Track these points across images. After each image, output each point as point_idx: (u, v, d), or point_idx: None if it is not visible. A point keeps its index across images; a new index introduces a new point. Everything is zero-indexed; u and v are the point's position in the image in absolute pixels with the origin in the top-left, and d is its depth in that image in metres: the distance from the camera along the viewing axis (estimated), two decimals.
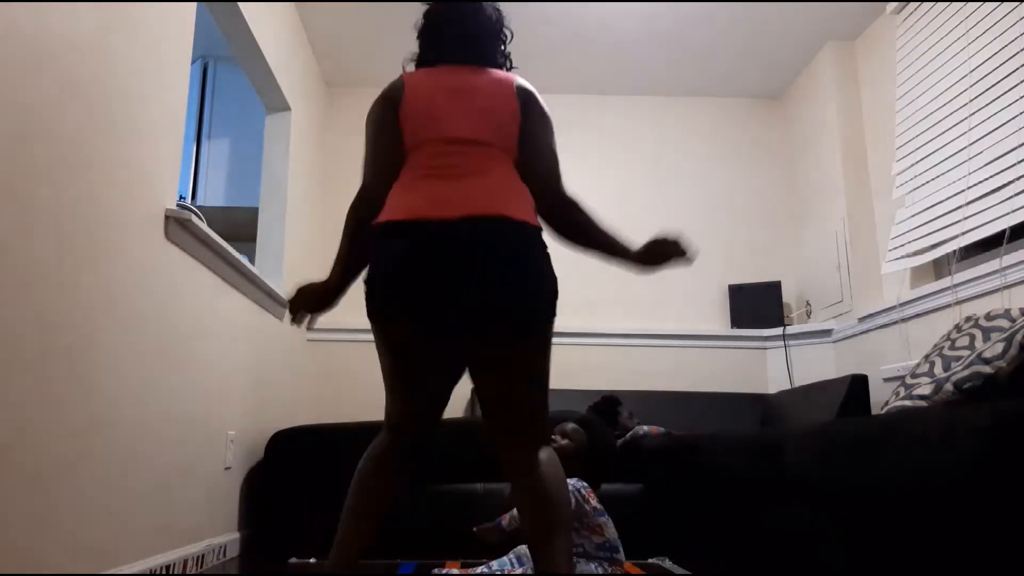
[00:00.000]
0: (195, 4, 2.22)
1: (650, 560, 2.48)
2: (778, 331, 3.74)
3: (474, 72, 1.53)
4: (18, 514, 1.37)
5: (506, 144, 1.48)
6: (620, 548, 2.03)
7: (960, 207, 2.64)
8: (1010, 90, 2.47)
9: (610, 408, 3.04)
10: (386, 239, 1.38)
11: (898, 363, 2.95)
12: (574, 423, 2.25)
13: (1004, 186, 2.44)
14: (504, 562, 2.05)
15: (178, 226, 2.03)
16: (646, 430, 3.00)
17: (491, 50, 1.59)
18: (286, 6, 3.19)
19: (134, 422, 1.83)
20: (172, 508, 2.07)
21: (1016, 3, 2.46)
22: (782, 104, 4.15)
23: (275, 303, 3.07)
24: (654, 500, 2.68)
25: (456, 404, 3.65)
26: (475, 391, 1.48)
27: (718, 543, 2.31)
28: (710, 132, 4.14)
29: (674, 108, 4.16)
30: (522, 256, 1.36)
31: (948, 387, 1.81)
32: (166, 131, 2.02)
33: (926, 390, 1.87)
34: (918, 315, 2.85)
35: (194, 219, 2.03)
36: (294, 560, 2.51)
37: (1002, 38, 2.52)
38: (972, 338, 1.88)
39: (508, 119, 1.49)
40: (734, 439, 2.17)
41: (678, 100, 4.17)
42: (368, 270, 1.41)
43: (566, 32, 3.55)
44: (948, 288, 2.64)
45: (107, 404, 1.70)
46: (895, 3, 3.16)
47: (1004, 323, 1.83)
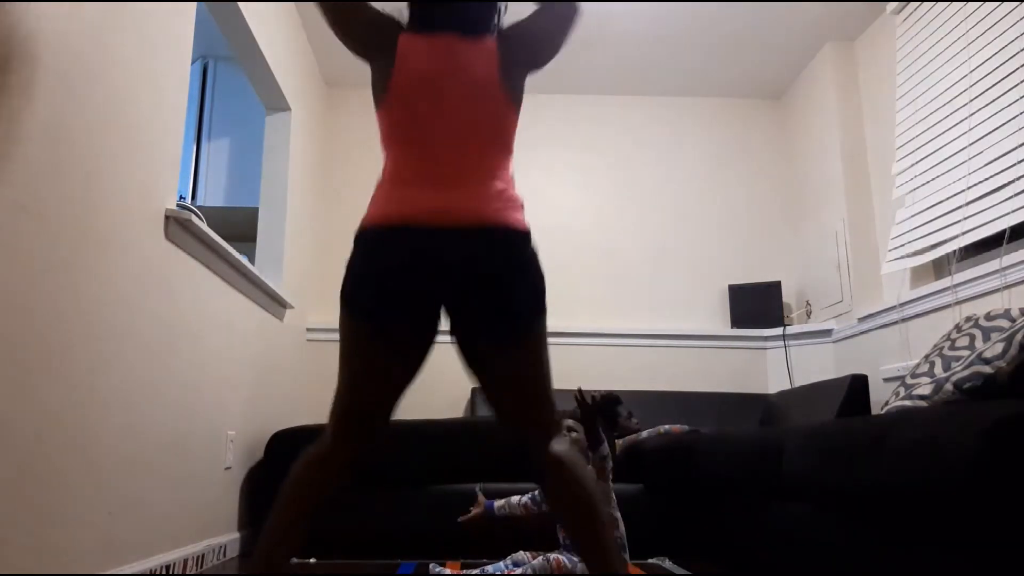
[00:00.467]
0: (195, 4, 2.22)
1: (650, 560, 2.48)
2: (778, 331, 3.74)
3: (466, 51, 1.46)
4: (18, 514, 1.37)
5: (496, 134, 1.45)
6: (627, 547, 2.04)
7: (960, 207, 2.64)
8: (1010, 90, 2.46)
9: (609, 407, 3.03)
10: (372, 244, 1.36)
11: (898, 363, 2.94)
12: (569, 419, 2.27)
13: (1004, 186, 2.44)
14: (500, 566, 2.05)
15: (178, 226, 2.03)
16: (667, 428, 2.99)
17: (485, 16, 1.52)
18: (286, 6, 3.19)
19: (134, 422, 1.83)
20: (172, 508, 2.07)
21: (1016, 3, 2.46)
22: (782, 104, 4.15)
23: (275, 303, 3.07)
24: (654, 500, 2.68)
25: (456, 404, 3.65)
26: (486, 393, 1.46)
27: (718, 543, 2.31)
28: (710, 132, 4.13)
29: (674, 108, 4.16)
30: (515, 266, 1.37)
31: (948, 387, 1.81)
32: (166, 131, 2.02)
33: (926, 390, 1.87)
34: (918, 315, 2.85)
35: (194, 219, 2.03)
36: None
37: (1002, 38, 2.52)
38: (972, 338, 1.88)
39: (496, 105, 1.44)
40: (734, 439, 2.17)
41: (678, 100, 4.17)
42: (351, 268, 1.38)
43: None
44: (948, 288, 2.64)
45: (107, 404, 1.70)
46: (895, 3, 3.16)
47: (1004, 323, 1.83)
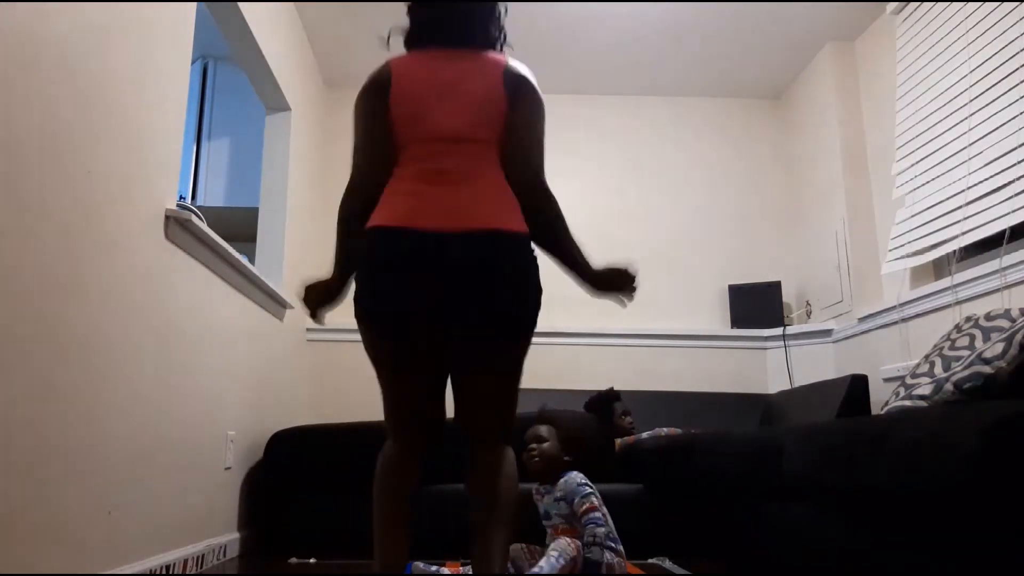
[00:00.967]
0: (195, 4, 2.22)
1: (650, 560, 2.48)
2: (778, 331, 3.74)
3: (464, 59, 1.47)
4: (18, 514, 1.37)
5: (495, 139, 1.45)
6: (619, 540, 2.09)
7: (960, 207, 2.64)
8: (1010, 90, 2.46)
9: (605, 403, 3.03)
10: (376, 246, 1.37)
11: (898, 363, 2.94)
12: (543, 423, 2.26)
13: (1004, 186, 2.44)
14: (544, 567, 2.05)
15: (178, 226, 2.03)
16: (665, 432, 2.99)
17: (484, 31, 1.53)
18: (286, 6, 3.19)
19: (134, 422, 1.83)
20: (172, 508, 2.07)
21: (1016, 3, 2.46)
22: (782, 104, 4.15)
23: (275, 303, 3.07)
24: (654, 500, 2.68)
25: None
26: (455, 390, 1.50)
27: (718, 543, 2.31)
28: (710, 132, 4.13)
29: (674, 108, 4.16)
30: (514, 272, 1.37)
31: (948, 387, 1.81)
32: (166, 131, 2.02)
33: (926, 390, 1.87)
34: (918, 315, 2.85)
35: (194, 219, 2.04)
36: (294, 560, 2.51)
37: (1002, 38, 2.51)
38: (972, 338, 1.88)
39: (496, 111, 1.45)
40: (734, 439, 2.17)
41: (678, 100, 4.17)
42: (358, 273, 1.39)
43: (565, 32, 3.55)
44: (948, 288, 2.64)
45: (107, 404, 1.70)
46: (895, 3, 3.16)
47: (1004, 323, 1.83)
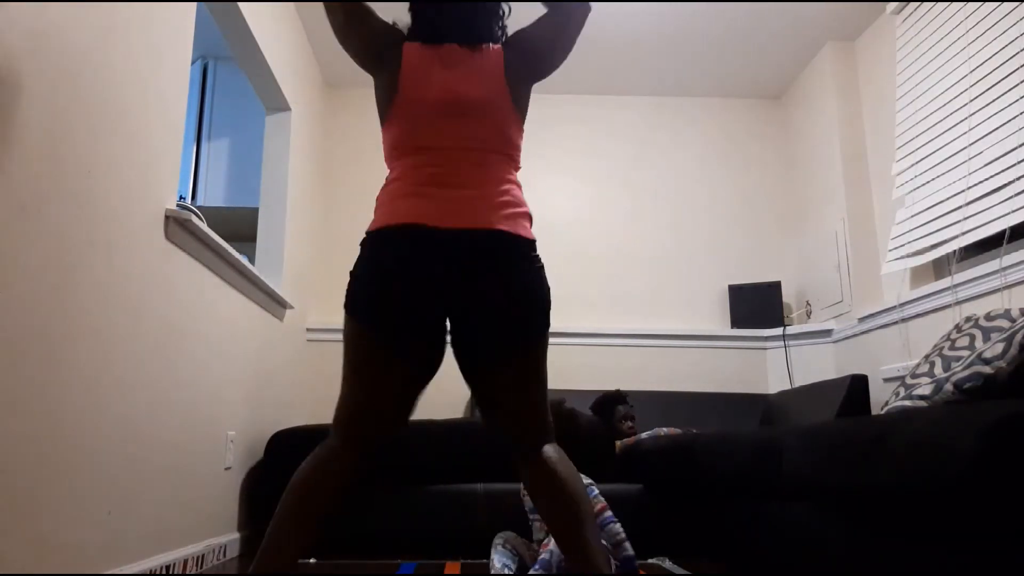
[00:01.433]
0: (195, 4, 2.22)
1: (650, 560, 2.48)
2: (778, 331, 3.74)
3: (471, 60, 1.48)
4: (18, 514, 1.37)
5: (504, 143, 1.46)
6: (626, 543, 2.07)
7: (960, 207, 2.64)
8: (1010, 90, 2.46)
9: (609, 404, 3.03)
10: (380, 246, 1.37)
11: (898, 363, 2.94)
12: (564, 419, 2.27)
13: (1004, 186, 2.44)
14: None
15: (178, 226, 2.03)
16: (665, 432, 2.99)
17: (489, 29, 1.54)
18: (286, 6, 3.19)
19: (133, 422, 1.83)
20: (172, 508, 2.07)
21: (1016, 3, 2.46)
22: (782, 104, 4.15)
23: (275, 303, 3.07)
24: (654, 500, 2.68)
25: (456, 404, 3.65)
26: (480, 398, 1.46)
27: (718, 543, 2.31)
28: (710, 132, 4.13)
29: (674, 108, 4.16)
30: (520, 274, 1.37)
31: (948, 387, 1.81)
32: (166, 131, 2.02)
33: (926, 390, 1.87)
34: (918, 315, 2.85)
35: (194, 219, 2.03)
36: None
37: (1002, 38, 2.51)
38: (972, 338, 1.88)
39: (503, 115, 1.45)
40: (734, 439, 2.17)
41: (678, 100, 4.17)
42: (357, 271, 1.39)
43: None
44: (948, 288, 2.64)
45: (107, 404, 1.70)
46: (895, 3, 3.16)
47: (1004, 323, 1.83)
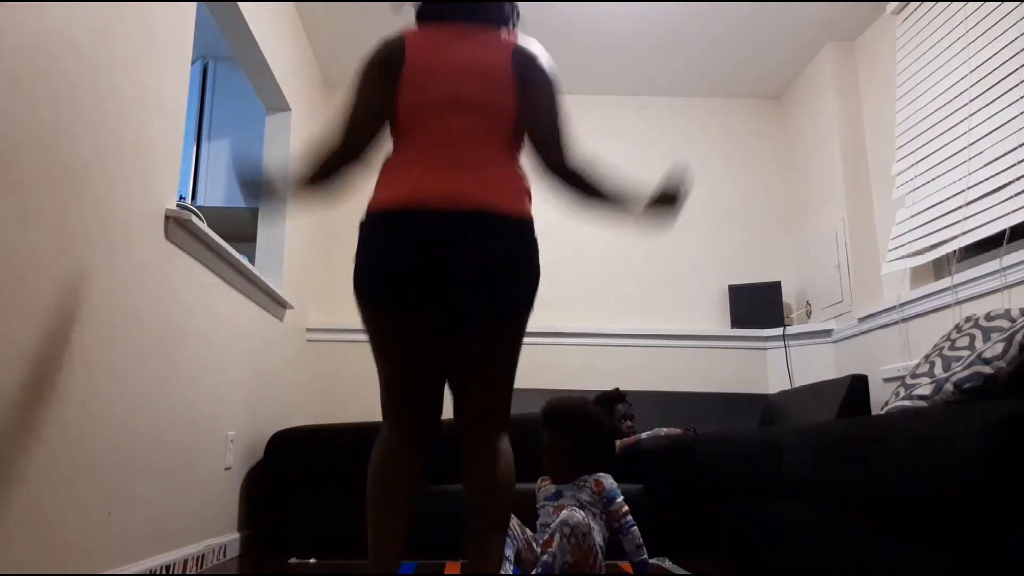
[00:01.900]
0: (195, 4, 2.22)
1: (650, 560, 2.48)
2: (778, 331, 3.74)
3: (476, 39, 1.48)
4: (18, 514, 1.37)
5: (506, 123, 1.46)
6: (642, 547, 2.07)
7: (960, 207, 2.64)
8: (1010, 90, 2.46)
9: (608, 404, 3.02)
10: (379, 228, 1.38)
11: (898, 363, 2.94)
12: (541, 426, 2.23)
13: (1004, 186, 2.44)
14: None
15: (178, 226, 2.03)
16: (665, 432, 2.99)
17: (499, 9, 1.55)
18: (286, 6, 3.19)
19: (134, 422, 1.83)
20: (172, 508, 2.07)
21: (1016, 3, 2.46)
22: (782, 104, 4.15)
23: (275, 303, 3.07)
24: (654, 500, 2.68)
25: None
26: (451, 384, 1.50)
27: (718, 543, 2.32)
28: (710, 132, 4.13)
29: (674, 108, 4.16)
30: (512, 254, 1.38)
31: (948, 387, 1.81)
32: (166, 131, 2.02)
33: (926, 390, 1.87)
34: (918, 315, 2.85)
35: (194, 219, 2.04)
36: (294, 560, 2.51)
37: (1002, 38, 2.51)
38: (972, 338, 1.88)
39: (504, 95, 1.45)
40: (734, 439, 2.18)
41: (678, 100, 4.17)
42: (360, 253, 1.40)
43: (566, 32, 3.55)
44: (948, 288, 2.64)
45: (107, 403, 1.70)
46: (895, 3, 3.16)
47: (1004, 323, 1.83)
